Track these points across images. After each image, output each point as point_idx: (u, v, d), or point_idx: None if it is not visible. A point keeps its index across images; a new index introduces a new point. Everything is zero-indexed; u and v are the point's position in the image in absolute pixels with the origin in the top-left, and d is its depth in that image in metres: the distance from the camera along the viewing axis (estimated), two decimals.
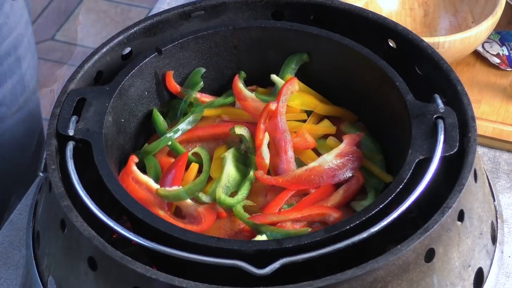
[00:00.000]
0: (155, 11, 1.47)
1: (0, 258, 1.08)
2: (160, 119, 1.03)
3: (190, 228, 0.89)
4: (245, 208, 0.92)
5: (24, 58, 1.35)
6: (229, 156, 0.97)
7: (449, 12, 1.36)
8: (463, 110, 0.91)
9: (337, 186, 0.95)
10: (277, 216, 0.90)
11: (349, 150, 0.96)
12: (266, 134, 0.97)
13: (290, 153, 0.96)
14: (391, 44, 1.02)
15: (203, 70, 1.06)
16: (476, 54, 1.34)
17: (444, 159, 0.85)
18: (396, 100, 0.94)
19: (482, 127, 1.21)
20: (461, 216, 0.85)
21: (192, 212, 0.92)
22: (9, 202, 1.34)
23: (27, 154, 1.38)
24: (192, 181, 0.96)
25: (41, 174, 0.89)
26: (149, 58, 1.00)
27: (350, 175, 0.95)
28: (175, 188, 0.92)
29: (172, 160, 0.99)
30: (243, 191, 0.93)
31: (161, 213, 0.91)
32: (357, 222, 0.81)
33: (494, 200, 0.96)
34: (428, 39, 1.13)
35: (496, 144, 1.21)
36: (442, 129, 0.87)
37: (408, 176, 0.85)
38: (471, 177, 0.87)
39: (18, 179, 1.34)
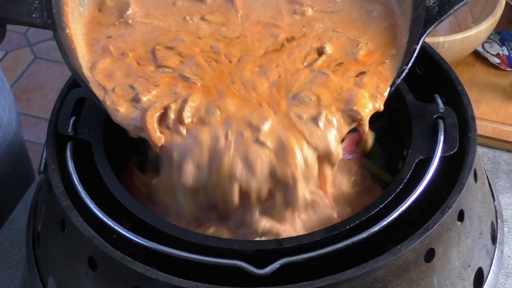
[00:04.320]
0: None
1: (0, 258, 1.08)
2: None
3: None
4: None
5: None
6: None
7: None
8: (463, 110, 0.91)
9: None
10: None
11: (349, 149, 0.96)
12: None
13: None
14: None
15: None
16: (476, 54, 1.34)
17: (444, 159, 0.85)
18: (396, 100, 0.94)
19: (482, 127, 1.21)
20: (461, 216, 0.85)
21: None
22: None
23: (15, 180, 1.33)
24: None
25: (41, 174, 0.89)
26: None
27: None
28: None
29: None
30: None
31: None
32: (357, 222, 0.81)
33: (494, 200, 0.96)
34: (428, 39, 1.13)
35: (496, 144, 1.22)
36: (442, 129, 0.87)
37: (408, 176, 0.85)
38: (471, 177, 0.87)
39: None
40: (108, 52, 0.88)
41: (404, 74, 0.85)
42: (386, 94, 0.84)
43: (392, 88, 0.84)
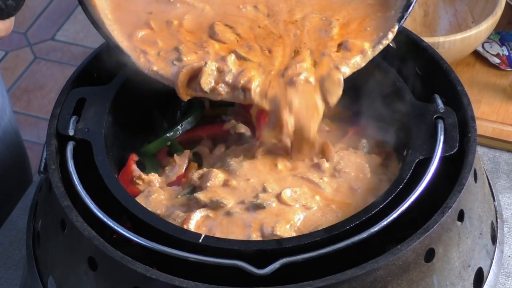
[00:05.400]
0: None
1: (0, 258, 1.08)
2: (160, 119, 1.03)
3: None
4: None
5: None
6: None
7: (449, 12, 1.36)
8: (463, 110, 0.91)
9: None
10: None
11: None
12: None
13: None
14: (391, 44, 1.02)
15: None
16: (476, 54, 1.34)
17: (444, 159, 0.85)
18: (396, 100, 0.94)
19: (482, 127, 1.21)
20: (461, 216, 0.85)
21: None
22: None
23: (14, 176, 1.32)
24: None
25: (41, 174, 0.89)
26: None
27: None
28: None
29: (172, 160, 0.99)
30: None
31: None
32: (357, 222, 0.81)
33: (494, 200, 0.96)
34: (428, 39, 1.13)
35: (496, 144, 1.21)
36: (442, 129, 0.87)
37: (408, 176, 0.85)
38: (471, 177, 0.87)
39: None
40: (147, 26, 0.92)
41: (411, 7, 0.89)
42: (395, 29, 0.89)
43: (401, 22, 0.89)
